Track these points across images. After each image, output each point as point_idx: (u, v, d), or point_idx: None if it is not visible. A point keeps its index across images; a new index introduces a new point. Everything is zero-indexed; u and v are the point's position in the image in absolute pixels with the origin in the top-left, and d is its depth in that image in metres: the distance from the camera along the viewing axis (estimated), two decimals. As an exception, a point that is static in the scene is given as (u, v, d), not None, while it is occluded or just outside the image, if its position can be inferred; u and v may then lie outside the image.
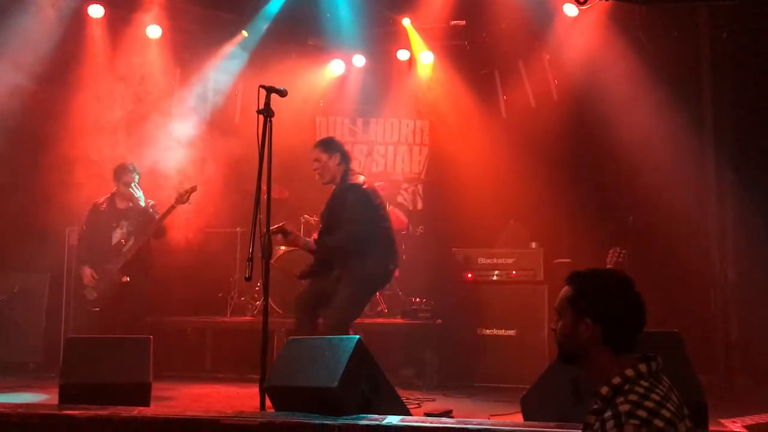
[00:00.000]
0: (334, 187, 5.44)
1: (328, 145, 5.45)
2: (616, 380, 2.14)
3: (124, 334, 4.99)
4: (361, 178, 5.42)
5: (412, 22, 8.13)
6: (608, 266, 5.35)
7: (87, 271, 6.21)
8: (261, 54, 7.95)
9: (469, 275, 6.49)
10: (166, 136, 7.34)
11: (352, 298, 5.21)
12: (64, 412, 3.79)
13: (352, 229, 5.20)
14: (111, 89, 7.44)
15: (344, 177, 5.37)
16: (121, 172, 6.30)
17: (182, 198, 6.11)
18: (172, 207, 6.15)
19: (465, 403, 5.51)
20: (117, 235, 6.29)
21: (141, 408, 3.90)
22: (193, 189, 6.17)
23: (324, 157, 5.37)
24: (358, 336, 3.92)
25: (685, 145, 6.59)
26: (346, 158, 5.42)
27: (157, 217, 6.28)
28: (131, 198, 6.31)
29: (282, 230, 5.18)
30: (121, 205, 6.36)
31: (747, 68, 6.52)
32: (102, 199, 6.41)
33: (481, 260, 6.52)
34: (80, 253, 6.51)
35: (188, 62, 7.97)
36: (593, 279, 2.29)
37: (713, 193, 6.65)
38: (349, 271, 5.22)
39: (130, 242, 6.23)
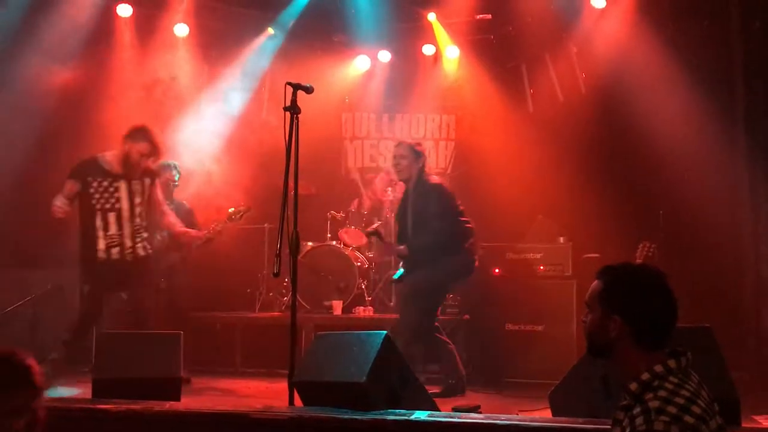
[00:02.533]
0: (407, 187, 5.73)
1: (413, 149, 5.71)
2: (645, 376, 2.12)
3: (154, 330, 5.04)
4: (436, 179, 5.80)
5: (437, 17, 8.10)
6: (638, 261, 5.28)
7: None
8: (287, 51, 7.99)
9: (497, 270, 6.46)
10: (194, 133, 7.41)
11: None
12: (98, 406, 3.86)
13: (438, 227, 5.47)
14: (140, 87, 7.53)
15: (421, 177, 5.62)
16: (162, 170, 6.02)
17: (233, 217, 5.84)
18: (222, 226, 5.83)
19: (493, 399, 5.50)
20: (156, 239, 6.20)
21: (172, 402, 3.96)
22: (248, 209, 5.92)
23: (411, 156, 5.63)
24: (385, 331, 3.93)
25: (716, 136, 6.47)
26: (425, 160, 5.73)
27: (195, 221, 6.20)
28: (170, 195, 6.18)
29: (377, 233, 5.77)
30: None
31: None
32: None
33: (509, 255, 6.49)
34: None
35: (215, 60, 8.05)
36: (625, 275, 2.25)
37: (745, 185, 6.52)
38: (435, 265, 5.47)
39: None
